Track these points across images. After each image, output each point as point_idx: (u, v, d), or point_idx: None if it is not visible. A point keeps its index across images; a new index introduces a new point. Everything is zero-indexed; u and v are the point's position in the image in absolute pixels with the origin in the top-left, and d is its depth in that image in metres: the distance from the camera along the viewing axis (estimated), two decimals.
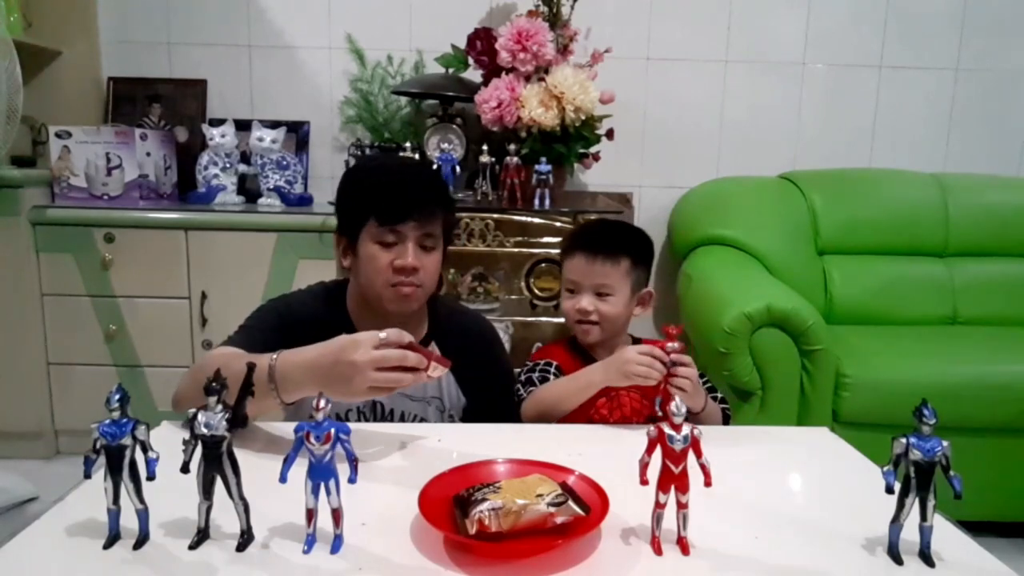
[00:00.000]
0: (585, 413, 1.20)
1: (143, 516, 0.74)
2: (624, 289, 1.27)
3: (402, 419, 1.22)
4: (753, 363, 1.85)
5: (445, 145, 2.35)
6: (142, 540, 0.74)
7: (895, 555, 0.75)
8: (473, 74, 2.41)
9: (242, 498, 0.74)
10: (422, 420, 1.23)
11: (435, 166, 2.21)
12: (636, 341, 1.33)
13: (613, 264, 1.26)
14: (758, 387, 1.87)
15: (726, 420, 1.27)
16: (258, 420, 1.13)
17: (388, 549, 0.75)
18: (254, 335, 1.13)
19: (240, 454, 0.74)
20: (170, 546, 0.74)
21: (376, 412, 1.22)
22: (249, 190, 2.43)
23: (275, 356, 0.96)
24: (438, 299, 1.29)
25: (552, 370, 1.26)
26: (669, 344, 1.09)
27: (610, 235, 1.31)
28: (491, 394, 1.28)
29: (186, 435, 0.72)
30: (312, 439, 0.71)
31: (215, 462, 0.72)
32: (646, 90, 2.64)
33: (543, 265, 2.32)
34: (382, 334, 0.92)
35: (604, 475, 0.85)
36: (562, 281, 1.33)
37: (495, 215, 2.18)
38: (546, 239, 2.44)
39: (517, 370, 1.31)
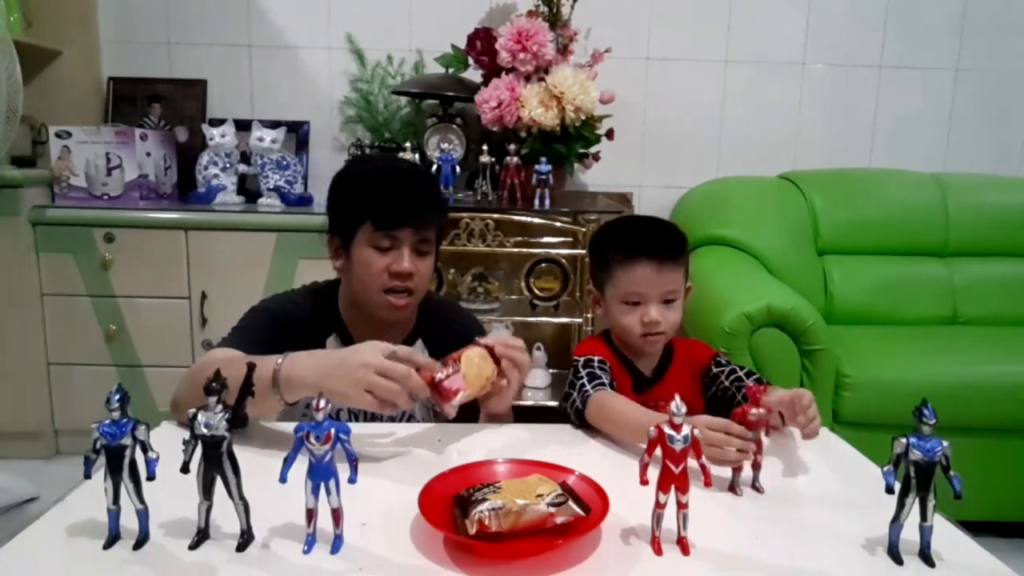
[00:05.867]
0: None
1: (143, 516, 0.74)
2: (683, 291, 1.21)
3: (390, 417, 1.22)
4: (753, 363, 1.85)
5: (445, 145, 2.35)
6: (142, 540, 0.74)
7: (895, 555, 0.75)
8: (473, 74, 2.41)
9: (242, 498, 0.74)
10: (411, 416, 1.23)
11: (435, 166, 2.22)
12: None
13: (678, 268, 1.19)
14: None
15: None
16: (258, 420, 1.13)
17: (388, 549, 0.75)
18: (248, 336, 1.14)
19: (240, 454, 0.74)
20: (170, 546, 0.74)
21: (365, 411, 1.22)
22: (249, 190, 2.43)
23: (280, 359, 0.97)
24: (428, 295, 1.29)
25: (607, 368, 1.18)
26: (753, 411, 0.91)
27: (668, 237, 1.22)
28: None
29: (186, 435, 0.72)
30: (312, 439, 0.71)
31: (215, 462, 0.72)
32: (646, 90, 2.64)
33: (543, 265, 2.32)
34: (398, 349, 0.95)
35: (604, 475, 0.85)
36: (612, 293, 1.21)
37: (495, 215, 2.18)
38: (546, 239, 2.44)
39: (576, 360, 1.20)
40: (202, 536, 0.74)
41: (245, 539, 0.74)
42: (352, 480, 0.73)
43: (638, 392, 1.21)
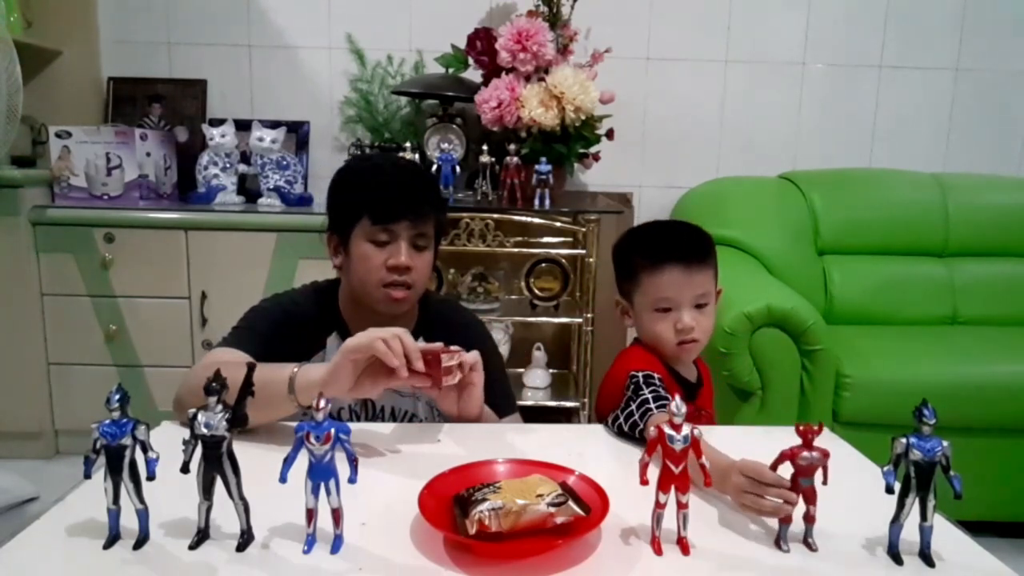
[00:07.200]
0: None
1: (143, 516, 0.74)
2: (714, 295, 1.19)
3: (392, 415, 1.23)
4: (753, 363, 1.85)
5: (445, 145, 2.35)
6: (142, 540, 0.74)
7: (895, 555, 0.76)
8: (473, 74, 2.41)
9: (242, 498, 0.74)
10: (413, 415, 1.23)
11: (435, 166, 2.22)
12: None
13: (706, 270, 1.17)
14: (758, 387, 1.87)
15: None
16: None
17: (388, 549, 0.75)
18: (248, 335, 1.14)
19: (240, 454, 0.74)
20: (170, 546, 0.74)
21: (367, 410, 1.22)
22: (249, 190, 2.43)
23: (296, 368, 0.99)
24: (429, 295, 1.30)
25: (665, 387, 1.13)
26: (804, 455, 0.76)
27: (693, 239, 1.20)
28: None
29: (186, 435, 0.72)
30: (312, 439, 0.72)
31: (215, 462, 0.72)
32: (646, 90, 2.64)
33: (543, 265, 2.32)
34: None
35: (604, 475, 0.85)
36: (641, 302, 1.18)
37: (495, 215, 2.18)
38: (546, 239, 2.44)
39: (635, 375, 1.12)
40: (202, 536, 0.74)
41: (245, 539, 0.74)
42: (352, 480, 0.73)
43: (689, 401, 1.17)
